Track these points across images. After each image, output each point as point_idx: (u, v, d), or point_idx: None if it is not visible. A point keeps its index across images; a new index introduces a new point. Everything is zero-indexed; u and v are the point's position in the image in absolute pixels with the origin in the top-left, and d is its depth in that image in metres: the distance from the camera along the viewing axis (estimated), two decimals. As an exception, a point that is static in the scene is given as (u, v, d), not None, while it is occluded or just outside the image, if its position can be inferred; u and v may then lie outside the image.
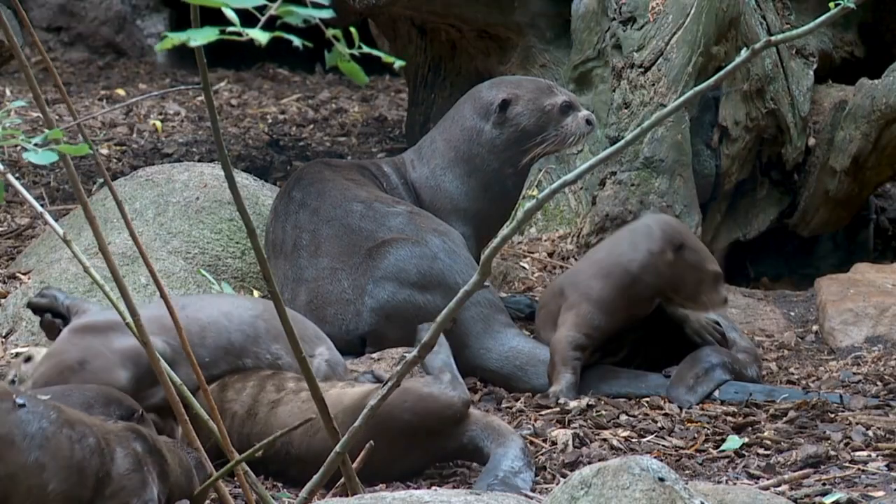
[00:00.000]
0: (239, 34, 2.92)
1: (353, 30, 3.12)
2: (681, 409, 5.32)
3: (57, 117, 8.87)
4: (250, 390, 4.74)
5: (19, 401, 3.82)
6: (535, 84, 6.01)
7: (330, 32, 3.07)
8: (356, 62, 3.11)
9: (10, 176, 3.58)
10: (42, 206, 7.23)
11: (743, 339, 5.70)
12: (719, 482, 4.64)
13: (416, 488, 4.47)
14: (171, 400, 3.91)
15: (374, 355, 5.43)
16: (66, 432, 3.84)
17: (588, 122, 5.91)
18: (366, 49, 3.12)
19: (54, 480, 3.79)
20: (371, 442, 4.17)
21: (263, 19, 2.97)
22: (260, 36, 2.88)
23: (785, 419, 5.24)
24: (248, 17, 2.98)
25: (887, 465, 4.82)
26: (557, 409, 5.28)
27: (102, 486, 3.88)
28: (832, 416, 5.26)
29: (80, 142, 3.67)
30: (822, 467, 4.79)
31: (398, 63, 3.15)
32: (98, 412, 4.32)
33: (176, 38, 2.93)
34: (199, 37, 2.90)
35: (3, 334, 5.72)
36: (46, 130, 3.48)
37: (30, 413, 3.81)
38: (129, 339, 4.47)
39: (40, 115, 9.08)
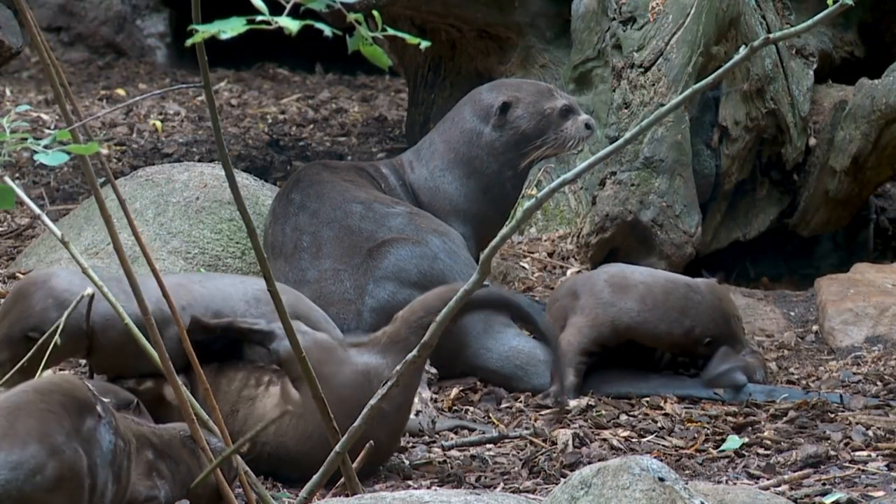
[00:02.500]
0: (268, 23, 2.89)
1: (376, 13, 3.11)
2: (700, 400, 5.38)
3: (57, 117, 8.87)
4: (237, 384, 4.70)
5: (100, 411, 3.80)
6: (536, 87, 6.01)
7: (352, 16, 3.05)
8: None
9: (7, 178, 3.58)
10: (42, 206, 7.23)
11: (750, 343, 5.73)
12: (719, 482, 4.64)
13: (416, 488, 4.47)
14: (179, 399, 3.91)
15: (374, 355, 5.43)
16: (119, 443, 3.83)
17: (588, 126, 5.91)
18: (390, 31, 3.10)
19: (109, 492, 3.80)
20: (371, 442, 4.17)
21: (290, 6, 2.95)
22: (290, 24, 2.86)
23: (785, 419, 5.24)
24: (250, 9, 2.96)
25: (887, 465, 4.82)
26: (557, 408, 5.28)
27: (125, 488, 3.88)
28: (832, 416, 5.26)
29: (85, 141, 3.67)
30: (822, 467, 4.79)
31: (424, 44, 3.13)
32: None
33: (206, 30, 2.90)
34: (229, 28, 2.87)
35: (3, 334, 5.72)
36: (53, 130, 3.48)
37: (105, 426, 3.79)
38: None
39: (40, 117, 9.08)
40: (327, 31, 2.93)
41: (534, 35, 7.42)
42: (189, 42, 2.97)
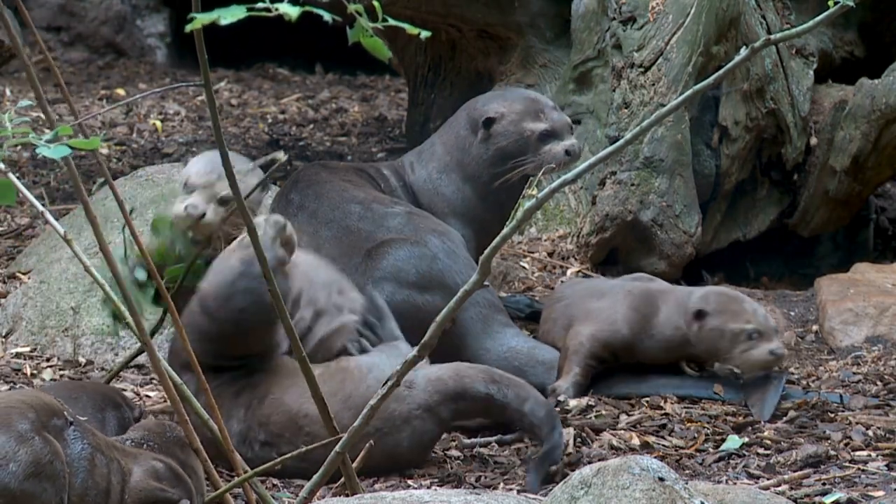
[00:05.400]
0: (268, 10, 2.90)
1: (376, 4, 3.11)
2: (700, 400, 5.36)
3: (57, 117, 8.85)
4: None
5: (68, 416, 3.79)
6: (526, 106, 5.91)
7: (352, 7, 3.06)
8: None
9: (11, 175, 3.58)
10: (42, 205, 7.23)
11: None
12: (719, 482, 4.64)
13: (416, 488, 4.47)
14: (172, 400, 3.91)
15: (374, 355, 5.42)
16: (99, 457, 3.81)
17: (567, 152, 5.84)
18: (391, 21, 3.11)
19: (92, 500, 3.78)
20: (371, 442, 4.17)
21: None
22: (290, 10, 2.87)
23: (785, 419, 5.24)
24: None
25: (887, 465, 4.82)
26: (557, 408, 5.28)
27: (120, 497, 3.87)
28: (832, 416, 5.26)
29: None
30: (822, 467, 4.79)
31: (424, 34, 3.13)
32: (111, 414, 4.32)
33: (206, 17, 2.91)
34: (229, 15, 2.88)
35: (3, 334, 5.72)
36: (47, 130, 3.48)
37: (76, 432, 3.78)
38: None
39: (41, 115, 9.08)
40: (327, 16, 2.93)
41: (534, 35, 7.42)
42: (188, 28, 2.98)
